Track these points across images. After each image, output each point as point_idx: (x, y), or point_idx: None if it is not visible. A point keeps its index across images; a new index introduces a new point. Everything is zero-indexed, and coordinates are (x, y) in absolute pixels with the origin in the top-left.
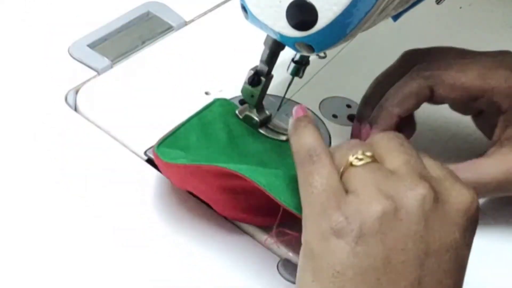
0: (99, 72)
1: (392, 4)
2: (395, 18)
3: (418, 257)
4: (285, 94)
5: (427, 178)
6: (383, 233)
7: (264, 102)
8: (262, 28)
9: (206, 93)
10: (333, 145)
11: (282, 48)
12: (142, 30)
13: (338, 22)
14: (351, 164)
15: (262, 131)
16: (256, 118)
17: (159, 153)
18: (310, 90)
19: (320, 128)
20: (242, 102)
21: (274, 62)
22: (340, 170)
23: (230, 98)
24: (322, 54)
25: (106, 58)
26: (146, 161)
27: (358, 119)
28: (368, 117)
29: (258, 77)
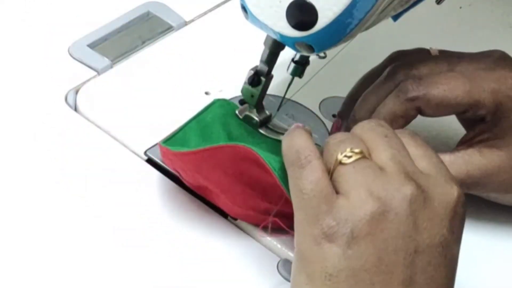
0: (99, 72)
1: (392, 4)
2: (395, 18)
3: (409, 256)
4: (285, 94)
5: (414, 175)
6: (374, 235)
7: (264, 102)
8: (262, 28)
9: (206, 93)
10: None
11: (282, 48)
12: (142, 30)
13: (338, 22)
14: (341, 162)
15: (262, 131)
16: (256, 118)
17: (168, 146)
18: (310, 90)
19: (320, 128)
20: (242, 102)
21: (274, 62)
22: (329, 169)
23: (230, 98)
24: (322, 54)
25: (106, 58)
26: (146, 161)
27: (340, 116)
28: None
29: (258, 77)
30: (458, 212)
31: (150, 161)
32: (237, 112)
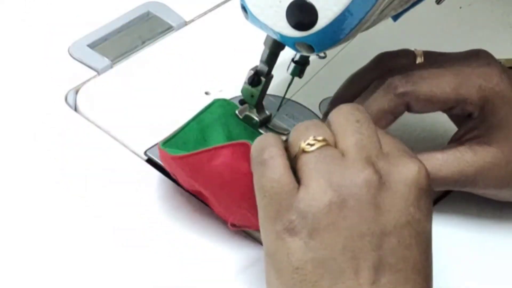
0: (99, 72)
1: (392, 4)
2: (395, 18)
3: (376, 239)
4: (285, 94)
5: (374, 159)
6: (336, 224)
7: (264, 102)
8: (262, 28)
9: (206, 93)
10: None
11: (282, 48)
12: (142, 30)
13: (338, 22)
14: (304, 150)
15: (262, 131)
16: (256, 118)
17: (167, 147)
18: (310, 90)
19: None
20: (242, 102)
21: (274, 62)
22: (293, 157)
23: (230, 98)
24: (322, 54)
25: (106, 58)
26: (146, 161)
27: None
28: None
29: (258, 77)
30: (423, 187)
31: (150, 161)
32: (237, 112)
